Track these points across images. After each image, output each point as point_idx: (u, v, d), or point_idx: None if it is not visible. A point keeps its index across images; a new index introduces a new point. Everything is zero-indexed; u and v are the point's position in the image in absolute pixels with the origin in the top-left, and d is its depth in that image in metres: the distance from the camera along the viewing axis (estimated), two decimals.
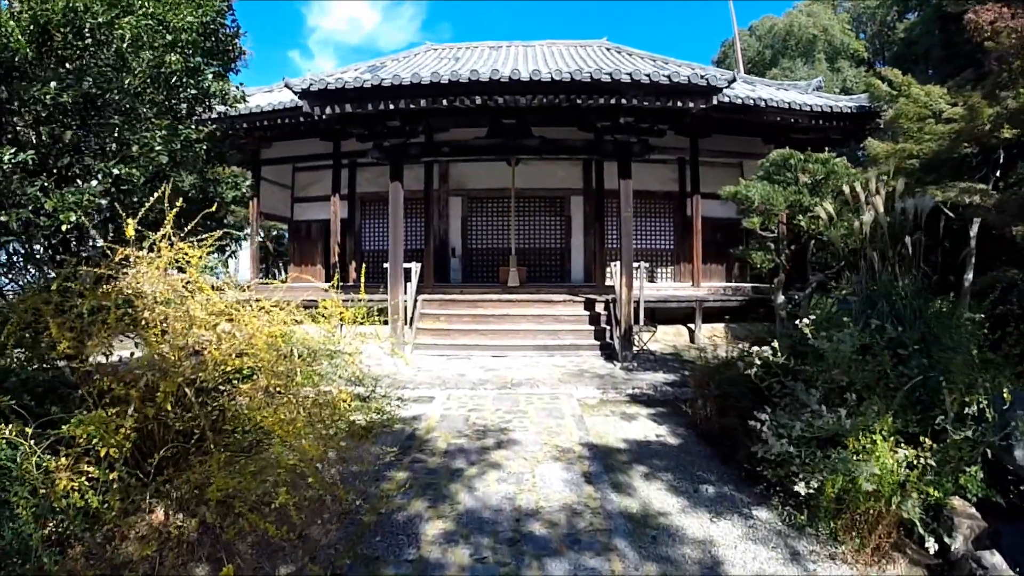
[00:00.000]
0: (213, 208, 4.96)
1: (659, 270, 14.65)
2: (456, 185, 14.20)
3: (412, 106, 8.14)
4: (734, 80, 8.71)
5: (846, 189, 6.31)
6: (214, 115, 6.61)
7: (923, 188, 7.64)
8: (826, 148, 14.55)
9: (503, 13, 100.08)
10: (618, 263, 10.47)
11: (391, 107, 8.18)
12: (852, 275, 6.63)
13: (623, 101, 8.17)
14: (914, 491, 3.73)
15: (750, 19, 39.17)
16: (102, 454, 3.08)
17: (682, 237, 14.61)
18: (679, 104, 8.39)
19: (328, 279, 13.20)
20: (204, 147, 5.44)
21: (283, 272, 24.57)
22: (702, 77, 8.22)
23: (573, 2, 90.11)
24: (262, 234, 27.59)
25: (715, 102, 9.52)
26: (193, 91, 5.30)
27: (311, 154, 13.85)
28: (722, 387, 6.18)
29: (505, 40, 13.64)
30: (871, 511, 3.75)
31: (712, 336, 12.20)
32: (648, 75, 7.99)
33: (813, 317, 4.28)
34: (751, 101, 11.28)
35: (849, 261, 6.90)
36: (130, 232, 3.45)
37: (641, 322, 10.42)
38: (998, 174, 8.65)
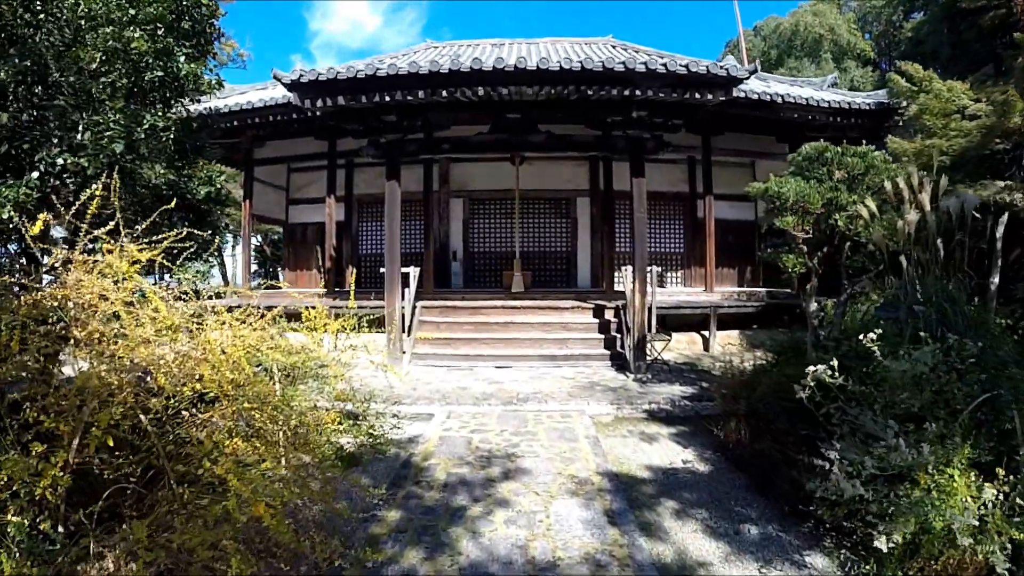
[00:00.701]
0: (172, 204, 4.29)
1: (668, 274, 14.05)
2: (457, 186, 13.61)
3: (409, 98, 7.54)
4: (755, 71, 8.12)
5: (888, 186, 5.71)
6: (191, 106, 6.02)
7: (953, 186, 7.06)
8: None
9: (504, 15, 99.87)
10: (629, 268, 9.85)
11: (387, 99, 7.58)
12: (893, 279, 6.04)
13: (637, 92, 7.57)
14: (996, 533, 3.11)
15: (755, 20, 38.67)
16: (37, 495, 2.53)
17: (692, 240, 14.03)
18: (696, 96, 7.79)
19: (324, 284, 12.59)
20: (171, 136, 4.81)
21: (279, 277, 23.95)
22: (722, 67, 7.62)
23: (574, 3, 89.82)
24: (260, 238, 27.05)
25: (733, 95, 8.99)
26: (160, 73, 4.69)
27: (306, 154, 13.26)
28: (753, 405, 5.56)
29: (508, 38, 13.08)
30: (951, 559, 3.14)
31: (727, 344, 11.57)
32: (664, 64, 7.39)
33: (879, 331, 3.61)
34: (768, 97, 10.71)
35: (890, 264, 6.30)
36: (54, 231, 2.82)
37: (653, 330, 9.79)
38: None
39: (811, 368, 3.66)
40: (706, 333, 11.25)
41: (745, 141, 12.80)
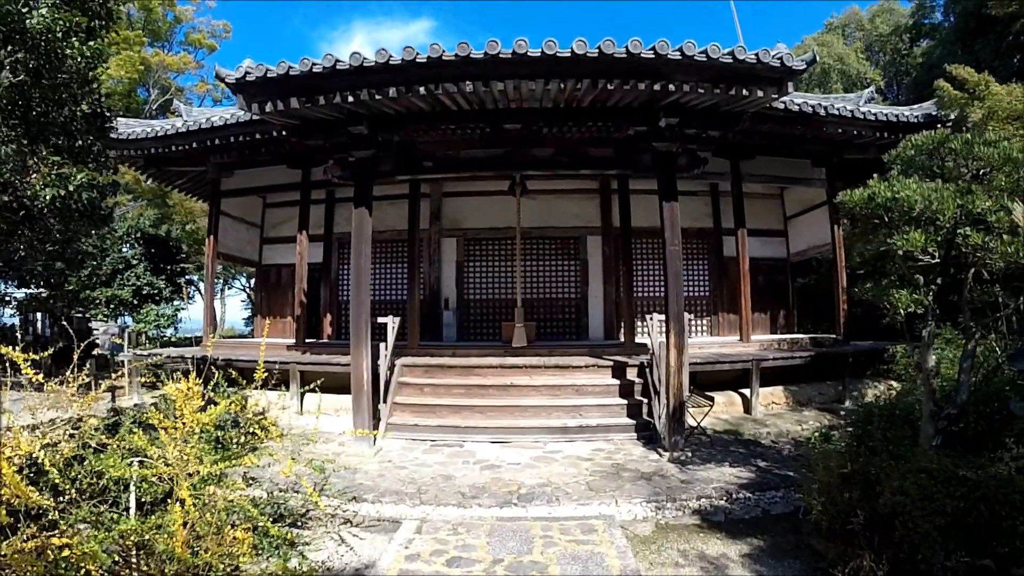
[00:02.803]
0: None
1: (694, 322, 12.13)
2: (450, 223, 11.92)
3: (378, 98, 5.86)
4: (813, 60, 6.46)
5: None
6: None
7: None
8: (876, 170, 12.42)
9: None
10: (656, 316, 7.99)
11: (350, 100, 5.92)
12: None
13: (670, 87, 5.87)
14: None
15: None
16: None
17: (719, 282, 12.22)
18: (744, 94, 6.11)
19: (303, 332, 10.74)
20: None
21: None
22: (775, 56, 5.97)
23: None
24: (244, 279, 25.33)
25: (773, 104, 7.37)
26: None
27: (277, 184, 11.61)
28: (879, 519, 3.65)
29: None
30: None
31: (770, 403, 9.60)
32: (705, 51, 5.74)
33: None
34: (809, 108, 9.10)
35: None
36: None
37: (687, 391, 7.83)
38: None
39: None
40: (746, 392, 9.29)
41: (776, 166, 11.16)
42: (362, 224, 6.82)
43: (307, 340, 10.59)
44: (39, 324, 17.29)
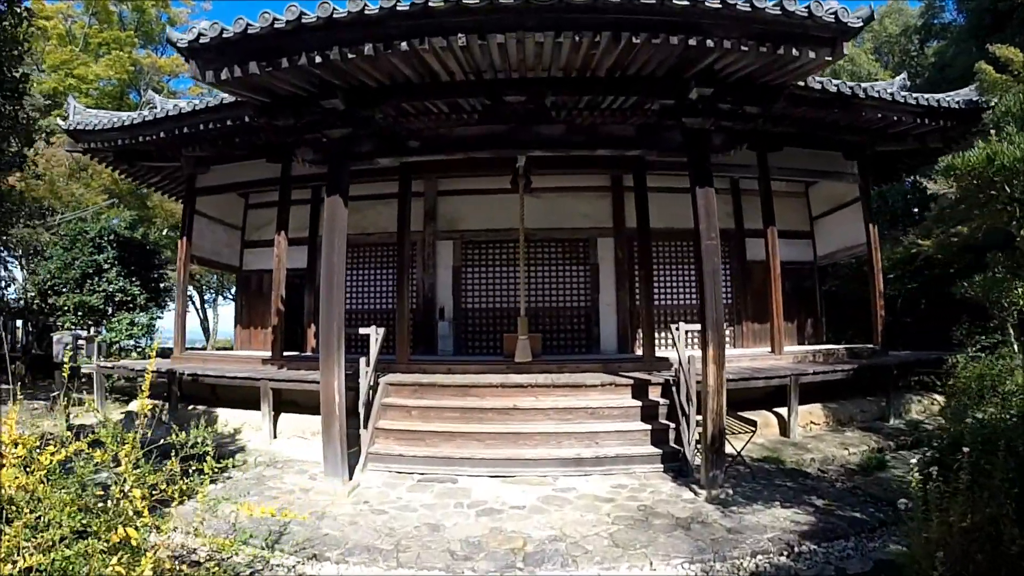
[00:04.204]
0: None
1: None
2: (447, 225, 10.82)
3: (352, 56, 4.78)
4: (871, 19, 5.39)
5: None
6: None
7: None
8: (910, 163, 11.49)
9: None
10: (682, 326, 6.88)
11: (318, 61, 4.83)
12: None
13: (708, 43, 4.75)
14: None
15: None
16: None
17: (742, 288, 11.12)
18: (793, 55, 5.01)
19: (280, 344, 9.62)
20: None
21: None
22: (829, 11, 4.90)
23: None
24: (237, 290, 24.30)
25: (814, 84, 6.29)
26: None
27: (257, 180, 10.52)
28: None
29: None
30: None
31: (809, 423, 8.45)
32: (749, 1, 4.66)
33: None
34: (848, 90, 8.06)
35: None
36: None
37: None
38: None
39: None
40: (780, 411, 8.16)
41: (805, 159, 10.09)
42: (335, 214, 5.69)
43: (286, 353, 9.47)
44: (18, 332, 16.29)
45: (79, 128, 9.75)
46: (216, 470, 4.14)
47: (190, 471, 7.05)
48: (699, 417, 6.74)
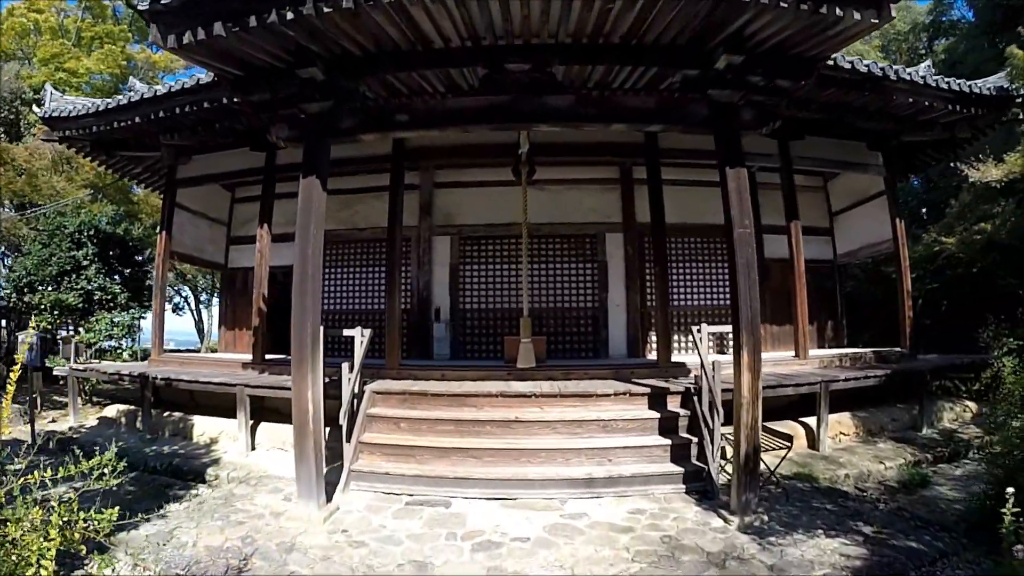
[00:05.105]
0: None
1: (727, 336, 10.26)
2: (444, 220, 10.10)
3: (327, 10, 4.04)
4: None
5: None
6: None
7: None
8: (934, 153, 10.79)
9: None
10: (704, 328, 6.15)
11: (290, 18, 4.13)
12: None
13: None
14: None
15: None
16: None
17: (760, 288, 10.32)
18: (837, 14, 4.28)
19: (262, 347, 8.92)
20: None
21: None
22: None
23: None
24: (222, 289, 23.63)
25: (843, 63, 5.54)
26: None
27: (241, 170, 9.82)
28: None
29: None
30: None
31: (838, 434, 7.75)
32: None
33: None
34: (879, 71, 7.36)
35: None
36: None
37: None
38: None
39: None
40: (807, 420, 7.47)
41: (827, 149, 9.42)
42: (311, 197, 4.97)
43: (269, 357, 8.75)
44: (3, 331, 15.67)
45: (54, 115, 9.09)
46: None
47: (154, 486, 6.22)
48: (725, 431, 6.04)
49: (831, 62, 6.71)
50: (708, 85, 5.03)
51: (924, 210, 17.67)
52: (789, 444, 5.36)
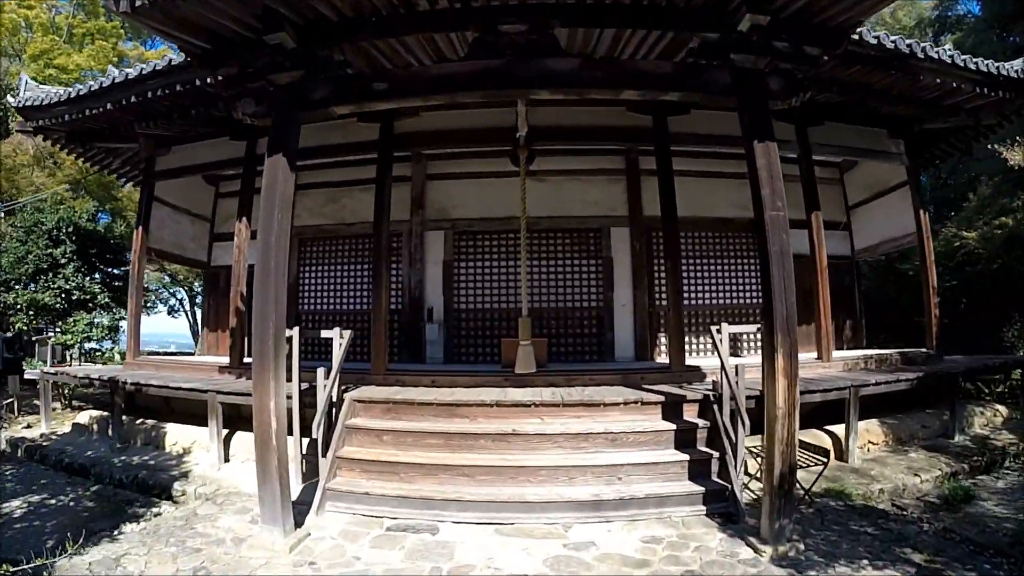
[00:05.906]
0: None
1: (743, 336, 9.64)
2: (437, 213, 9.46)
3: None
4: None
5: None
6: None
7: None
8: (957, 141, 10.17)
9: None
10: (724, 328, 5.53)
11: None
12: None
13: None
14: None
15: None
16: None
17: None
18: None
19: (239, 349, 8.32)
20: None
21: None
22: None
23: None
24: (204, 288, 23.14)
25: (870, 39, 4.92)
26: None
27: (222, 161, 9.19)
28: None
29: None
30: None
31: (867, 443, 7.08)
32: None
33: None
34: (906, 48, 6.75)
35: None
36: None
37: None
38: None
39: None
40: (834, 429, 6.82)
41: (846, 136, 8.83)
42: (276, 179, 4.31)
43: (247, 361, 8.11)
44: None
45: (28, 105, 8.52)
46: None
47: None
48: (751, 445, 5.41)
49: (856, 36, 6.11)
50: (731, 49, 4.39)
51: (932, 207, 17.22)
52: (825, 460, 4.74)
